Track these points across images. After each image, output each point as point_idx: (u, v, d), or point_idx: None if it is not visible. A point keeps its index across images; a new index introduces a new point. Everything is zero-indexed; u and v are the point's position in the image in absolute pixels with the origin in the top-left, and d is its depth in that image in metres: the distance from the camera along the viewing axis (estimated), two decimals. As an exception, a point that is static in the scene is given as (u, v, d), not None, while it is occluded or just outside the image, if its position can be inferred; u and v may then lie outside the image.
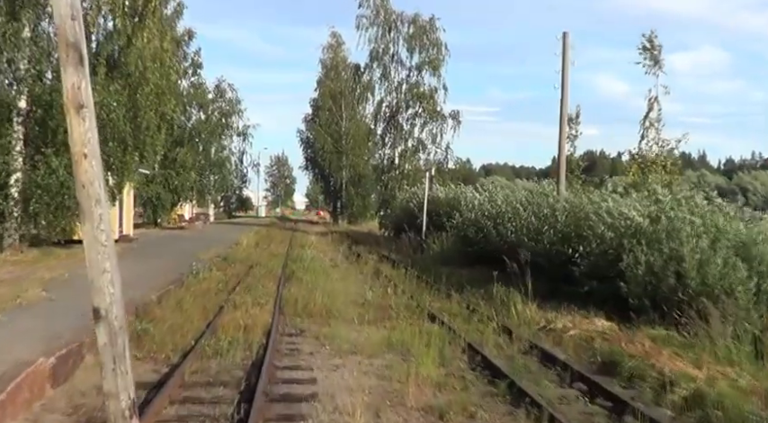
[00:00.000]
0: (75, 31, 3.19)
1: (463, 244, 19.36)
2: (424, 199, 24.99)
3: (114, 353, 3.23)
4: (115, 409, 3.25)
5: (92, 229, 3.24)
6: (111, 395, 3.24)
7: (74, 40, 3.19)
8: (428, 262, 19.95)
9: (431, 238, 23.47)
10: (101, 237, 3.25)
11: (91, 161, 3.24)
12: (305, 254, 19.78)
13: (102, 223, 3.25)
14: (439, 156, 36.11)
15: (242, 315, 9.66)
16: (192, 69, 35.97)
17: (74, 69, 3.21)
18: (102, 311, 3.23)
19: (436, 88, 35.87)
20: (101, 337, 3.24)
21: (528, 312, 10.46)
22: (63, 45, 3.20)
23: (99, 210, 3.25)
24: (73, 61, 3.20)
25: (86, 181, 3.24)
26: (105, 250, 3.25)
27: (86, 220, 3.26)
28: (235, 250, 20.73)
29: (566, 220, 13.32)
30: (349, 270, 17.89)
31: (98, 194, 3.25)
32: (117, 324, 3.25)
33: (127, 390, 3.27)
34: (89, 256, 3.25)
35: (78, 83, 3.22)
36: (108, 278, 3.25)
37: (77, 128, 3.23)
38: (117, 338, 3.25)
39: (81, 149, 3.23)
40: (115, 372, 3.23)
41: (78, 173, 3.24)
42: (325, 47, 62.09)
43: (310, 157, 65.54)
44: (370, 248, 26.10)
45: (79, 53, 3.21)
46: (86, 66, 3.27)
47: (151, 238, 25.34)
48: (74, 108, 3.23)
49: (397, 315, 10.44)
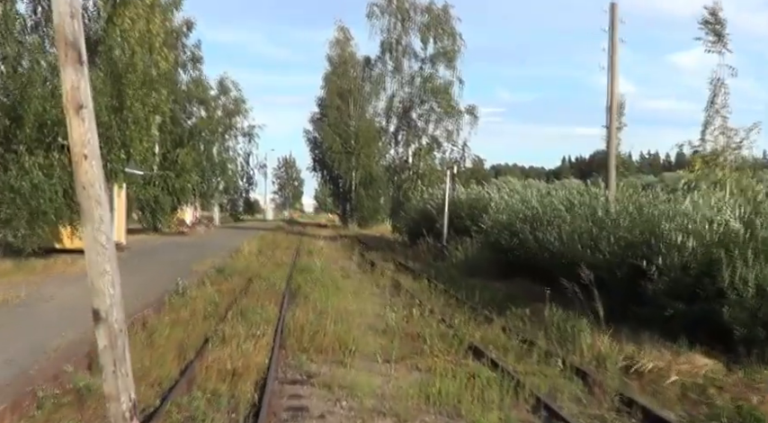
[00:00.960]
0: (74, 29, 3.16)
1: (493, 251, 17.01)
2: (444, 201, 22.66)
3: (114, 355, 3.21)
4: (116, 412, 3.22)
5: (92, 231, 3.22)
6: (112, 397, 3.22)
7: (73, 38, 3.16)
8: (452, 272, 17.62)
9: (452, 244, 21.14)
10: (101, 238, 3.22)
11: (91, 162, 3.22)
12: (313, 263, 17.51)
13: (102, 225, 3.23)
14: (455, 154, 33.75)
15: (231, 353, 7.37)
16: (192, 63, 33.84)
17: (73, 69, 3.17)
18: (102, 313, 3.21)
19: (451, 81, 33.56)
20: (101, 340, 3.21)
21: (600, 345, 8.09)
22: (62, 44, 3.16)
23: (99, 211, 3.23)
24: (72, 61, 3.17)
25: (87, 182, 3.21)
26: (105, 252, 3.23)
27: (87, 221, 3.24)
28: (234, 260, 18.47)
29: (628, 225, 10.95)
30: (363, 282, 15.59)
31: (98, 196, 3.23)
32: (117, 326, 3.23)
33: (127, 391, 3.25)
34: (89, 257, 3.22)
35: (77, 83, 3.18)
36: (108, 280, 3.23)
37: (77, 129, 3.20)
38: (117, 340, 3.23)
39: (81, 150, 3.20)
40: (115, 374, 3.21)
41: (78, 174, 3.21)
42: (332, 42, 59.75)
43: (318, 158, 63.15)
44: (384, 255, 23.81)
45: (78, 52, 3.17)
46: (85, 65, 3.21)
47: (145, 246, 23.15)
48: (73, 108, 3.19)
49: (430, 349, 8.12)
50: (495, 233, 16.95)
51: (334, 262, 21.00)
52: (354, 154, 57.62)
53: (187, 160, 31.82)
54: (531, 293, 12.72)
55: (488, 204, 19.57)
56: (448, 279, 15.97)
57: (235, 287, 13.08)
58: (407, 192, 32.10)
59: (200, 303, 10.46)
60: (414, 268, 18.85)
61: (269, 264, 18.34)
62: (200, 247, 23.43)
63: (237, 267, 16.11)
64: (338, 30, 58.83)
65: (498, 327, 9.64)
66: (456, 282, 15.45)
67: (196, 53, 33.80)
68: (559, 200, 14.46)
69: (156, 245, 24.74)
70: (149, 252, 20.24)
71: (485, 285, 14.25)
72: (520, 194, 17.91)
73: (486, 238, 17.56)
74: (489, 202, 19.22)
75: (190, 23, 33.97)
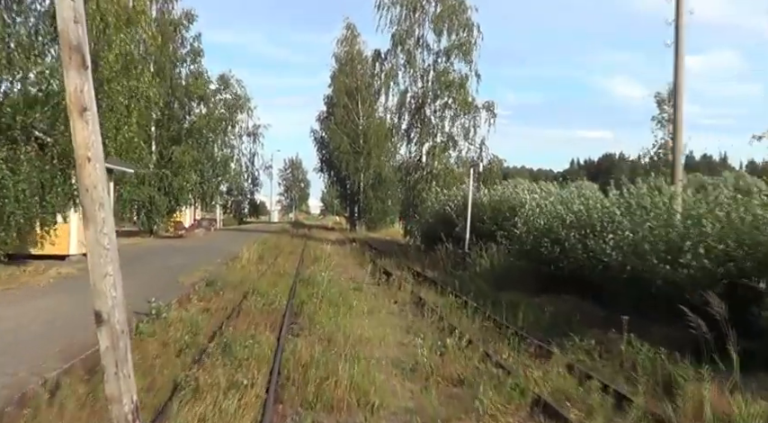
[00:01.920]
0: (78, 34, 3.19)
1: (528, 261, 14.73)
2: (465, 202, 20.39)
3: (116, 357, 3.20)
4: (118, 414, 3.21)
5: (95, 233, 3.22)
6: (114, 399, 3.21)
7: (77, 43, 3.18)
8: (479, 283, 15.32)
9: (474, 251, 18.86)
10: (103, 240, 3.22)
11: (95, 165, 3.22)
12: (319, 273, 15.32)
13: (105, 227, 3.23)
14: (472, 153, 31.36)
15: (205, 415, 5.18)
16: (192, 56, 31.65)
17: (76, 72, 3.19)
18: (103, 315, 3.20)
19: (467, 76, 31.17)
20: (103, 341, 3.21)
21: (736, 410, 5.70)
22: (66, 48, 3.19)
23: (102, 213, 3.23)
24: (75, 64, 3.19)
25: (90, 184, 3.22)
26: (108, 254, 3.22)
27: (89, 224, 3.23)
28: (230, 269, 16.26)
29: (720, 232, 8.65)
30: (379, 297, 13.35)
31: (101, 198, 3.24)
32: (119, 328, 3.23)
33: (130, 393, 3.24)
34: (91, 259, 3.22)
35: (81, 86, 3.20)
36: (110, 282, 3.22)
37: (81, 131, 3.21)
38: (119, 342, 3.21)
39: (85, 153, 3.21)
40: (117, 375, 3.20)
41: (82, 176, 3.23)
42: (340, 40, 57.74)
43: (325, 159, 61.01)
44: (399, 262, 21.55)
45: (82, 56, 3.21)
46: (89, 68, 3.25)
47: (135, 252, 20.98)
48: (77, 111, 3.20)
49: (483, 407, 5.85)
50: (530, 240, 14.69)
51: (343, 270, 18.78)
52: (363, 154, 55.41)
53: (185, 158, 29.71)
54: (585, 315, 10.45)
55: (518, 207, 17.30)
56: (477, 292, 13.70)
57: (226, 305, 10.87)
58: (421, 193, 29.75)
59: (177, 330, 8.24)
60: (434, 279, 16.60)
61: (269, 273, 16.11)
62: (195, 252, 21.25)
63: (232, 279, 13.88)
64: (346, 27, 56.89)
65: (562, 364, 7.37)
66: (486, 296, 13.17)
67: (196, 46, 31.70)
68: (612, 202, 12.17)
69: (147, 250, 22.57)
70: (136, 259, 18.09)
71: (522, 301, 11.94)
72: (560, 196, 15.59)
73: (519, 246, 15.27)
74: (521, 205, 16.92)
75: (190, 15, 31.92)
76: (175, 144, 30.29)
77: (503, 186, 21.61)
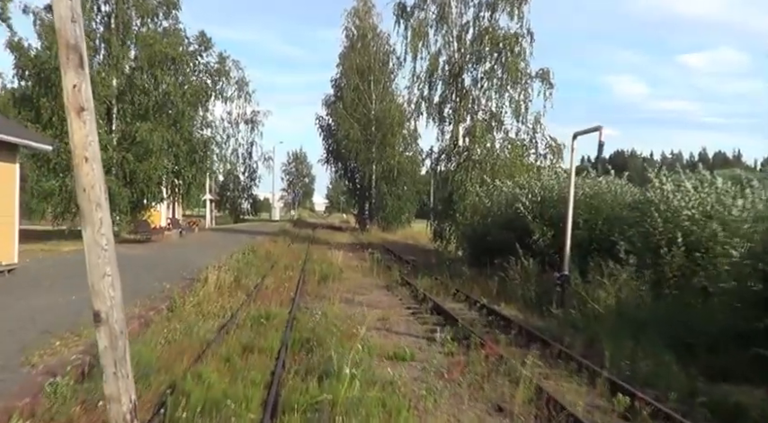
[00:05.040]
0: (76, 33, 3.17)
1: (725, 310, 7.60)
2: (560, 198, 13.25)
3: (115, 356, 3.16)
4: (117, 413, 3.15)
5: (92, 234, 3.18)
6: (113, 399, 3.16)
7: (74, 42, 3.16)
8: (625, 347, 8.17)
9: (576, 275, 11.70)
10: (101, 240, 3.18)
11: (92, 164, 3.20)
12: (332, 322, 8.26)
13: (102, 227, 3.20)
14: (522, 134, 24.07)
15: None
16: (165, 9, 24.52)
17: (74, 72, 3.17)
18: (102, 315, 3.16)
19: (517, 35, 23.88)
20: (101, 341, 3.16)
21: None
22: (63, 47, 3.16)
23: (100, 213, 3.20)
24: (73, 63, 3.16)
25: (87, 184, 3.19)
26: (106, 254, 3.19)
27: (87, 223, 3.19)
28: (161, 318, 9.12)
29: None
30: (448, 390, 6.29)
31: (98, 198, 3.21)
32: (117, 328, 3.18)
33: (128, 393, 3.19)
34: (89, 260, 3.18)
35: (79, 85, 3.18)
36: (108, 282, 3.18)
37: (78, 131, 3.20)
38: (118, 342, 3.17)
39: (82, 153, 3.19)
40: (116, 375, 3.16)
41: (79, 176, 3.20)
42: (351, 13, 50.37)
43: (332, 149, 53.49)
44: (442, 281, 14.47)
45: (79, 56, 3.17)
46: (86, 68, 3.21)
47: (49, 266, 13.93)
48: (74, 111, 3.18)
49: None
50: (733, 272, 7.56)
51: (362, 296, 11.94)
52: (375, 142, 48.07)
53: (152, 138, 22.58)
54: None
55: (669, 210, 10.15)
56: (653, 375, 6.63)
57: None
58: (463, 184, 22.50)
59: None
60: (538, 329, 9.44)
61: (243, 316, 8.98)
62: (140, 271, 14.11)
63: (144, 354, 6.69)
64: (358, -2, 49.52)
65: None
66: (680, 385, 6.12)
67: (169, -5, 24.46)
68: None
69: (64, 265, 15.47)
70: (30, 283, 11.05)
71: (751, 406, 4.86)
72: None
73: (716, 285, 8.07)
74: (684, 207, 9.74)
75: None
76: (142, 120, 23.21)
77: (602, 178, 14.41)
